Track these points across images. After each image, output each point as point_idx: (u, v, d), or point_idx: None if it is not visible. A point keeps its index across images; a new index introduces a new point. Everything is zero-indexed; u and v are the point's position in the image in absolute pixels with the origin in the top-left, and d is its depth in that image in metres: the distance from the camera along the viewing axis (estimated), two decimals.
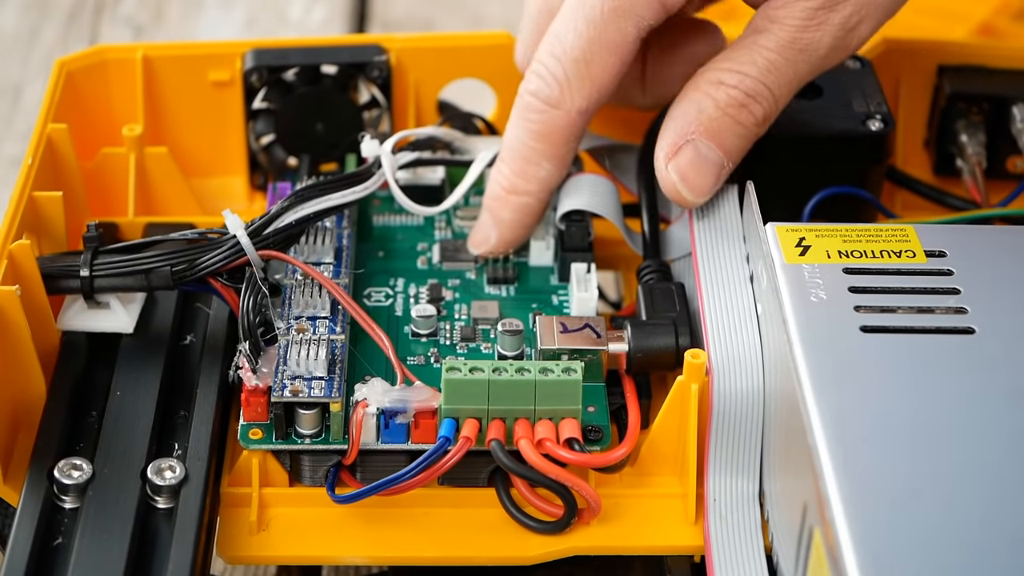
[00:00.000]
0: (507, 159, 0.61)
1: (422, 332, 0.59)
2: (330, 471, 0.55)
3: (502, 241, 0.61)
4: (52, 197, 0.60)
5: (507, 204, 0.61)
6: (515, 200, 0.61)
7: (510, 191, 0.61)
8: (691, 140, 0.57)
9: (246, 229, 0.57)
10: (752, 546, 0.53)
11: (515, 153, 0.60)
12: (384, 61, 0.67)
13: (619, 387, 0.57)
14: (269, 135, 0.68)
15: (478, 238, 0.62)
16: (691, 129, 0.57)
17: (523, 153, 0.60)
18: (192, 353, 0.59)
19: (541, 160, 0.60)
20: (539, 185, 0.60)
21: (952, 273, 0.53)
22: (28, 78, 0.91)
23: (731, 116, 0.57)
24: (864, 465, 0.46)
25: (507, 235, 0.61)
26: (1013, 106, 0.66)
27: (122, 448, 0.54)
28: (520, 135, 0.60)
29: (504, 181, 0.61)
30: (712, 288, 0.57)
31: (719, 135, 0.57)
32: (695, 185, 0.58)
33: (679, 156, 0.57)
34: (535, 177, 0.60)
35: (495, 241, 0.61)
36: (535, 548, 0.55)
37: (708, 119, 0.57)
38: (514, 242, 0.62)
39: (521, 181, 0.60)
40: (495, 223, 0.61)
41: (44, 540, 0.51)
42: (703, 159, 0.57)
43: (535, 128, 0.60)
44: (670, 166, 0.58)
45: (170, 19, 0.97)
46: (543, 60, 0.59)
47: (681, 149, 0.57)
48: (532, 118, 0.59)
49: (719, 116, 0.57)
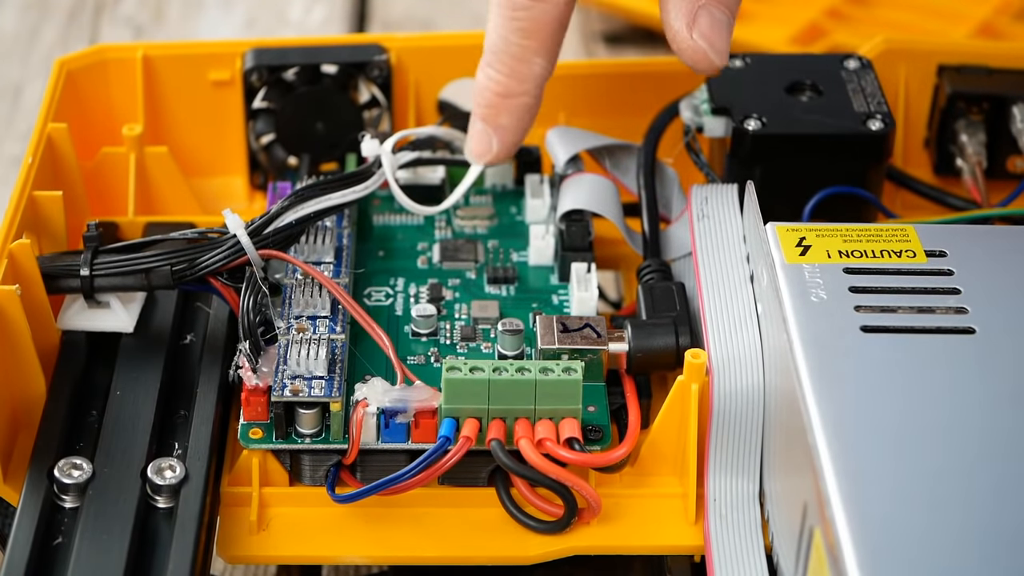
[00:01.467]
0: (495, 62, 0.59)
1: (422, 332, 0.59)
2: (330, 471, 0.55)
3: (504, 146, 0.61)
4: (52, 197, 0.60)
5: (504, 108, 0.60)
6: (512, 103, 0.60)
7: (505, 95, 0.59)
8: (703, 6, 0.57)
9: (246, 229, 0.57)
10: (752, 546, 0.53)
11: (504, 54, 0.59)
12: (384, 61, 0.67)
13: (619, 387, 0.57)
14: (269, 135, 0.68)
15: (479, 148, 0.61)
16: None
17: (512, 52, 0.59)
18: (192, 353, 0.59)
19: (533, 57, 0.59)
20: (534, 83, 0.59)
21: (952, 273, 0.53)
22: (28, 78, 0.91)
23: None
24: (864, 465, 0.46)
25: (509, 139, 0.60)
26: (1013, 106, 0.66)
27: (122, 448, 0.54)
28: (506, 34, 0.58)
29: (497, 87, 0.59)
30: (712, 288, 0.57)
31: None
32: (720, 48, 0.58)
33: (698, 23, 0.57)
34: (529, 75, 0.59)
35: (497, 147, 0.61)
36: (535, 548, 0.55)
37: None
38: (516, 145, 0.61)
39: (515, 83, 0.59)
40: (494, 130, 0.60)
41: (44, 540, 0.51)
42: (718, 22, 0.58)
43: (523, 25, 0.58)
44: (695, 34, 0.57)
45: (170, 19, 0.97)
46: None
47: (697, 16, 0.57)
48: (518, 15, 0.58)
49: None
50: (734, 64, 0.65)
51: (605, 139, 0.65)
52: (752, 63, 0.65)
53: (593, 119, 0.68)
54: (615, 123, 0.67)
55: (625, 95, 0.68)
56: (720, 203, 0.60)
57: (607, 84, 0.68)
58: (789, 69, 0.65)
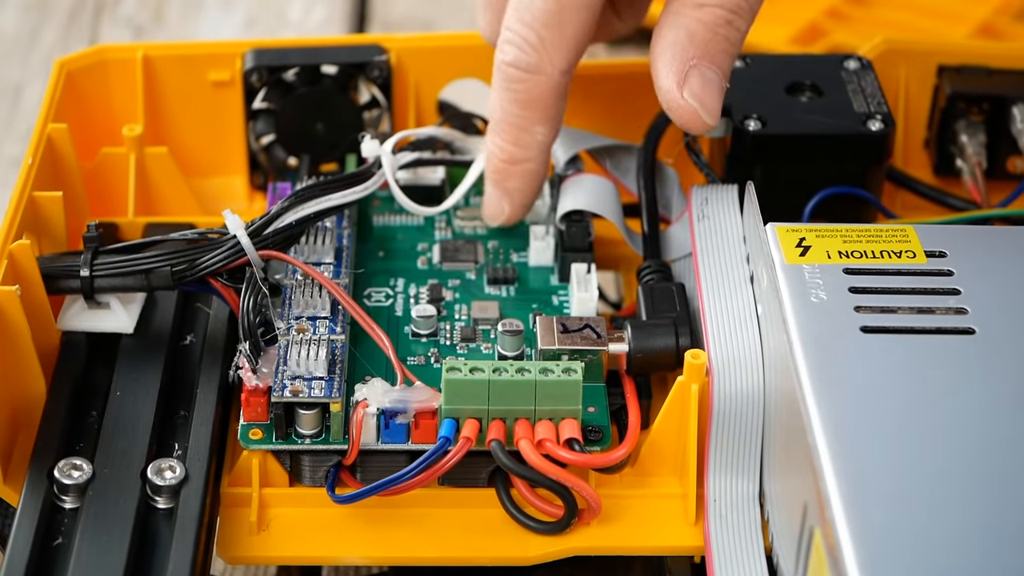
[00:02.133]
0: (499, 131, 0.60)
1: (422, 332, 0.59)
2: (330, 471, 0.55)
3: (515, 208, 0.62)
4: (52, 197, 0.60)
5: (510, 174, 0.61)
6: (517, 169, 0.61)
7: (510, 162, 0.60)
8: (694, 66, 0.57)
9: (246, 229, 0.57)
10: (752, 546, 0.53)
11: (506, 124, 0.60)
12: (384, 61, 0.67)
13: (619, 387, 0.57)
14: (269, 135, 0.68)
15: (492, 211, 0.62)
16: (690, 55, 0.57)
17: (514, 123, 0.60)
18: (192, 353, 0.59)
19: (533, 127, 0.60)
20: (537, 150, 0.60)
21: (952, 273, 0.53)
22: (28, 78, 0.91)
23: (721, 35, 0.57)
24: (864, 465, 0.46)
25: (518, 201, 0.62)
26: (1013, 106, 0.66)
27: (122, 448, 0.54)
28: (506, 106, 0.59)
29: (502, 154, 0.60)
30: (712, 288, 0.57)
31: (715, 56, 0.57)
32: (711, 108, 0.58)
33: (689, 83, 0.57)
34: (532, 143, 0.60)
35: (509, 210, 0.62)
36: (535, 548, 0.54)
37: (703, 42, 0.57)
38: (528, 206, 0.62)
39: (519, 150, 0.60)
40: (504, 194, 0.61)
41: (44, 540, 0.51)
42: (709, 82, 0.57)
43: (520, 97, 0.59)
44: (686, 94, 0.57)
45: (170, 19, 0.97)
46: (514, 28, 0.58)
47: (688, 76, 0.57)
48: (516, 88, 0.59)
49: (711, 37, 0.57)
50: (734, 64, 0.64)
51: (605, 139, 0.65)
52: (752, 63, 0.65)
53: (593, 119, 0.68)
54: (615, 123, 0.67)
55: (625, 95, 0.68)
56: (720, 203, 0.60)
57: (607, 84, 0.68)
58: (789, 69, 0.65)
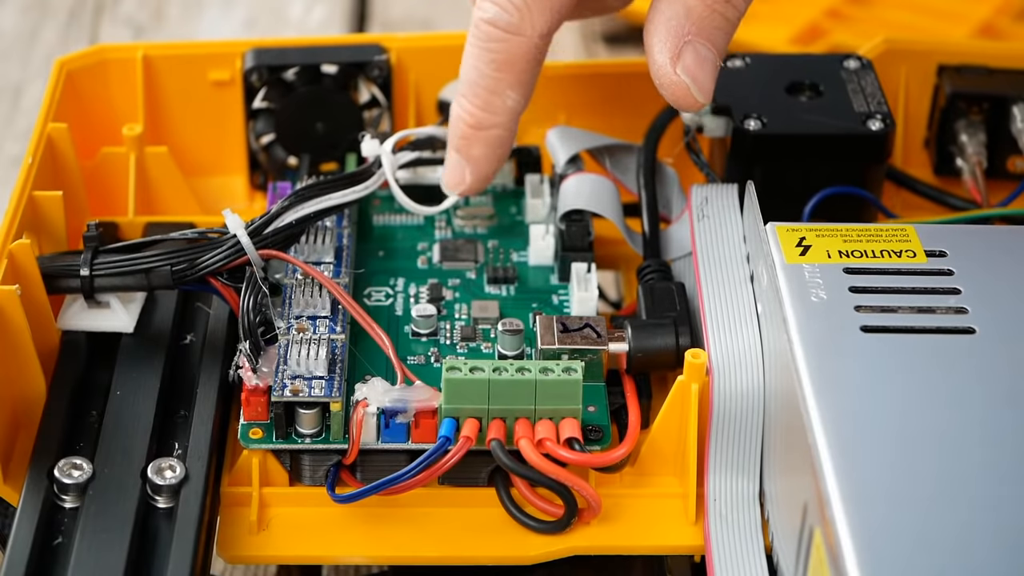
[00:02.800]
0: (469, 93, 0.59)
1: (422, 332, 0.59)
2: (330, 471, 0.55)
3: (477, 178, 0.60)
4: (52, 197, 0.60)
5: (476, 140, 0.59)
6: (484, 135, 0.59)
7: (477, 127, 0.59)
8: (688, 41, 0.57)
9: (246, 229, 0.57)
10: (752, 546, 0.53)
11: (477, 86, 0.59)
12: (384, 61, 0.67)
13: (619, 387, 0.57)
14: (269, 135, 0.68)
15: (452, 179, 0.61)
16: (685, 31, 0.57)
17: (486, 85, 0.58)
18: (192, 353, 0.59)
19: (506, 90, 0.58)
20: (507, 116, 0.59)
21: (952, 273, 0.53)
22: (28, 78, 0.91)
23: (719, 12, 0.57)
24: (864, 465, 0.46)
25: (481, 170, 0.60)
26: (1013, 106, 0.66)
27: (122, 448, 0.54)
28: (480, 66, 0.58)
29: (470, 119, 0.59)
30: (712, 288, 0.57)
31: (711, 33, 0.57)
32: (704, 86, 0.57)
33: (683, 59, 0.57)
34: (502, 108, 0.59)
35: (471, 179, 0.60)
36: (535, 548, 0.54)
37: (699, 18, 0.57)
38: (490, 176, 0.61)
39: (487, 115, 0.59)
40: (467, 161, 0.60)
41: (44, 540, 0.51)
42: (703, 59, 0.57)
43: (496, 58, 0.58)
44: (679, 69, 0.57)
45: (170, 19, 0.97)
46: None
47: (683, 52, 0.57)
48: (492, 47, 0.58)
49: (708, 14, 0.57)
50: (734, 64, 0.65)
51: (605, 139, 0.65)
52: (752, 63, 0.65)
53: (593, 119, 0.68)
54: (615, 123, 0.67)
55: (625, 95, 0.68)
56: (720, 203, 0.60)
57: (607, 84, 0.68)
58: (789, 69, 0.65)
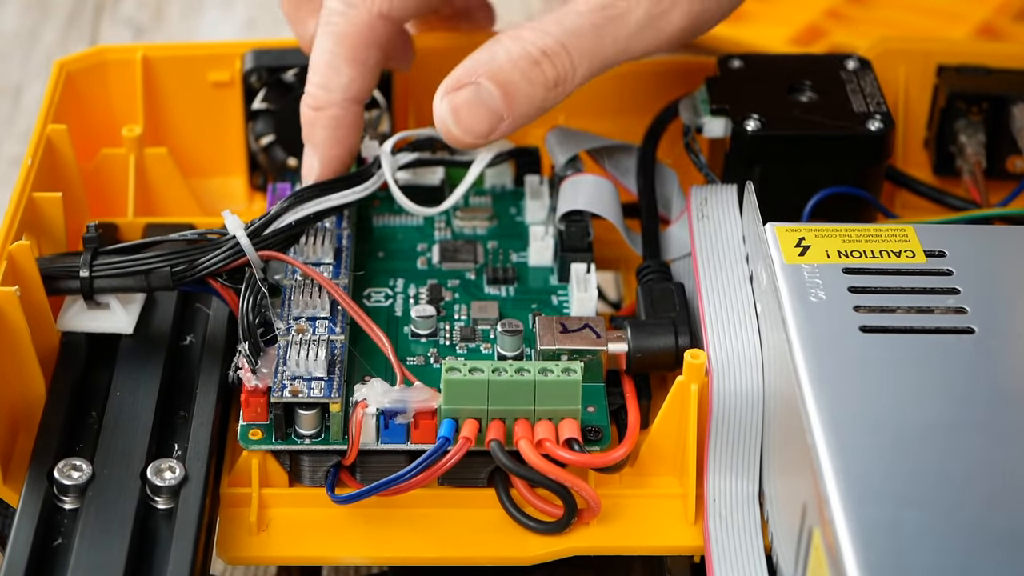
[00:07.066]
0: (311, 73, 0.60)
1: (422, 332, 0.59)
2: (330, 471, 0.55)
3: (324, 164, 0.61)
4: (52, 198, 0.60)
5: (317, 123, 0.60)
6: (322, 116, 0.60)
7: (315, 107, 0.60)
8: (475, 82, 0.57)
9: (246, 230, 0.57)
10: (752, 546, 0.53)
11: (318, 63, 0.60)
12: None
13: (619, 387, 0.57)
14: (269, 135, 0.68)
15: (305, 169, 0.61)
16: (479, 71, 0.57)
17: (324, 60, 0.60)
18: (192, 353, 0.59)
19: (341, 64, 0.59)
20: (342, 92, 0.60)
21: (952, 273, 0.53)
22: (28, 78, 0.92)
23: (520, 70, 0.57)
24: (864, 465, 0.46)
25: (327, 155, 0.61)
26: (1013, 106, 0.66)
27: (122, 448, 0.54)
28: (320, 42, 0.60)
29: (311, 99, 0.60)
30: (712, 288, 0.57)
31: (505, 85, 0.57)
32: (467, 125, 0.57)
33: (457, 93, 0.57)
34: (337, 85, 0.60)
35: (318, 166, 0.61)
36: (535, 548, 0.55)
37: (497, 67, 0.57)
38: (338, 160, 0.61)
39: (323, 92, 0.60)
40: (313, 148, 0.61)
41: (44, 540, 0.52)
42: (480, 102, 0.57)
43: (335, 30, 0.59)
44: (445, 99, 0.57)
45: (170, 19, 0.97)
46: None
47: (463, 88, 0.57)
48: (332, 20, 0.59)
49: (509, 68, 0.57)
50: (734, 64, 0.65)
51: (604, 140, 0.65)
52: (752, 63, 0.65)
53: (593, 119, 0.68)
54: (615, 123, 0.67)
55: (625, 95, 0.68)
56: (719, 203, 0.60)
57: (607, 84, 0.68)
58: (788, 69, 0.65)
